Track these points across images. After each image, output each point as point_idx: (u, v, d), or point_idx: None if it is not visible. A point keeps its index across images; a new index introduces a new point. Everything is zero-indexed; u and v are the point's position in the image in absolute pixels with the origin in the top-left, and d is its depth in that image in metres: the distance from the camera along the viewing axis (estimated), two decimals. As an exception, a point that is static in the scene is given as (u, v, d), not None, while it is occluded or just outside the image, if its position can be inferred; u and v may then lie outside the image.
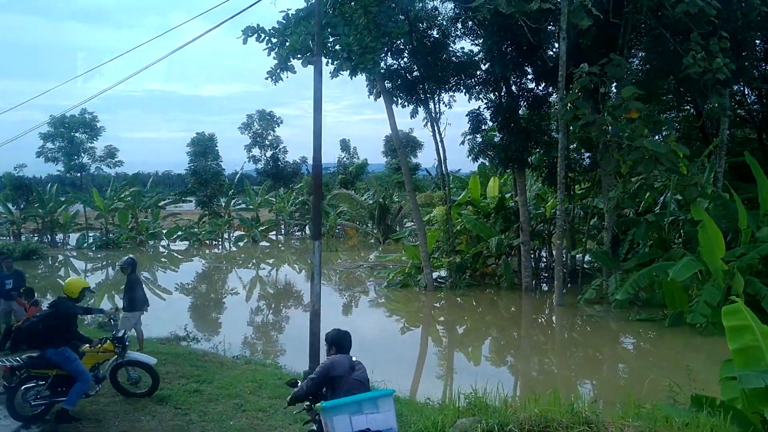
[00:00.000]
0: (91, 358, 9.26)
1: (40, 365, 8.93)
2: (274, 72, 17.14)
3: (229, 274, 32.53)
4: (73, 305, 9.19)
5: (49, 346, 8.84)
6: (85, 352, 9.21)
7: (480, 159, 22.86)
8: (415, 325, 20.01)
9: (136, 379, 9.84)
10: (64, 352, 8.81)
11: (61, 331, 8.86)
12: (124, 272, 13.23)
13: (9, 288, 14.22)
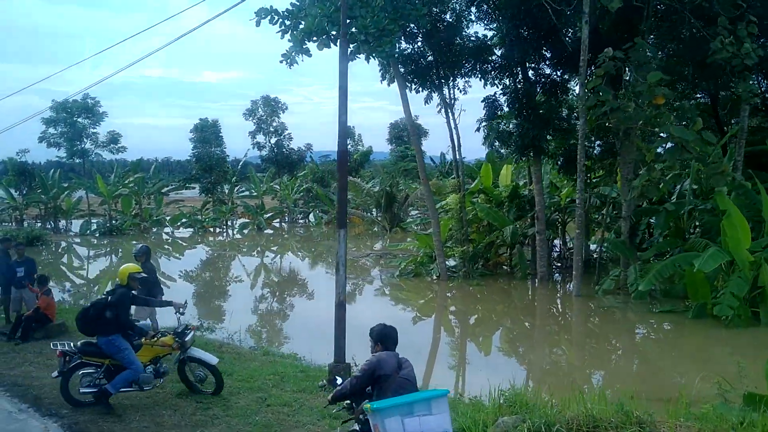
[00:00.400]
0: (148, 351, 8.87)
1: (92, 353, 8.72)
2: (289, 55, 16.66)
3: (234, 262, 32.16)
4: (127, 293, 8.77)
5: (100, 334, 8.60)
6: (142, 344, 8.82)
7: (495, 146, 22.38)
8: (430, 315, 19.69)
9: (201, 377, 9.31)
10: (115, 340, 8.50)
11: (111, 319, 8.52)
12: (138, 260, 12.83)
13: (20, 276, 13.86)
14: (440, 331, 17.67)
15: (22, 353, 11.96)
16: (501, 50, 21.84)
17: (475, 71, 21.63)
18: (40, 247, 34.11)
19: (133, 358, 8.52)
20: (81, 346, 8.81)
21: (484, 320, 18.58)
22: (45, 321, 13.09)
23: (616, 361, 14.24)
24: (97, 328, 8.64)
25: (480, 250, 22.70)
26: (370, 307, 20.02)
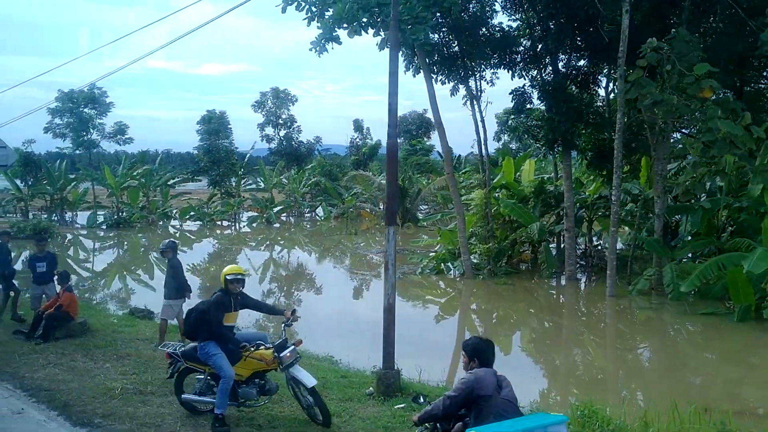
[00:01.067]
0: (248, 364, 7.91)
1: (192, 358, 8.08)
2: (319, 43, 15.96)
3: (246, 256, 31.43)
4: (221, 298, 7.92)
5: (198, 339, 8.01)
6: (242, 354, 7.84)
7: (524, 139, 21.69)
8: (456, 314, 19.02)
9: (310, 403, 7.85)
10: (206, 346, 7.80)
11: (205, 325, 7.87)
12: (164, 256, 12.20)
13: (42, 271, 13.24)
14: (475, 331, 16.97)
15: (45, 354, 11.32)
16: (529, 41, 21.16)
17: (504, 62, 20.92)
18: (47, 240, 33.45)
19: (222, 363, 7.67)
20: (184, 350, 8.23)
21: (516, 321, 17.89)
22: (67, 319, 12.44)
23: (670, 367, 13.51)
24: (195, 332, 8.09)
25: (505, 247, 22.02)
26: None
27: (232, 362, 7.75)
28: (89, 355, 11.37)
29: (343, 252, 32.35)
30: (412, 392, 9.23)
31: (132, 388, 9.51)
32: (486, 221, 21.75)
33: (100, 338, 12.44)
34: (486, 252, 21.32)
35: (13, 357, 11.16)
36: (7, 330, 13.12)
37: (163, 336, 12.02)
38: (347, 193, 51.85)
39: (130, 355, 11.42)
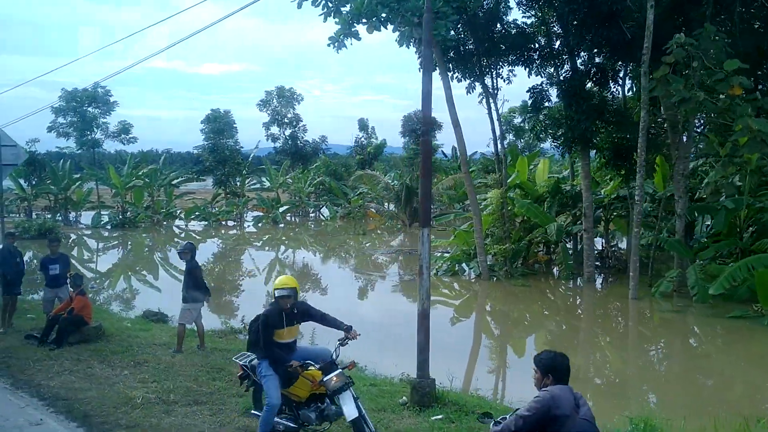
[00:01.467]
0: (304, 385, 6.97)
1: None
2: (337, 38, 15.52)
3: (252, 256, 30.98)
4: (271, 313, 6.95)
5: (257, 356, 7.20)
6: (298, 374, 6.90)
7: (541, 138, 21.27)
8: (475, 317, 18.57)
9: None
10: (260, 365, 7.00)
11: (256, 341, 7.15)
12: (183, 258, 11.77)
13: (55, 274, 12.81)
14: (492, 335, 16.57)
15: (59, 360, 10.88)
16: (545, 38, 20.75)
17: (521, 59, 20.50)
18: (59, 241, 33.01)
19: (269, 388, 6.84)
20: (250, 365, 7.46)
21: (537, 324, 17.44)
22: (81, 324, 12.01)
23: (709, 375, 13.06)
24: (253, 348, 7.37)
25: (522, 247, 21.60)
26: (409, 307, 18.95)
27: (288, 383, 6.93)
28: (106, 361, 10.95)
29: (350, 252, 31.96)
30: (447, 402, 8.84)
31: (154, 397, 9.09)
32: (502, 221, 21.34)
33: (116, 343, 12.01)
34: (502, 253, 20.91)
35: (27, 363, 10.74)
36: (18, 335, 12.71)
37: (181, 341, 11.62)
38: (352, 192, 51.44)
39: (148, 361, 11.00)
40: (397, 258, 27.65)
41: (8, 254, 12.97)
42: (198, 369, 10.55)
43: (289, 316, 7.08)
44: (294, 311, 7.13)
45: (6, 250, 13.01)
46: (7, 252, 12.99)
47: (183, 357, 11.26)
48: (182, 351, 11.53)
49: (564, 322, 17.46)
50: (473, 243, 21.96)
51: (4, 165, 15.10)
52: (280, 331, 7.04)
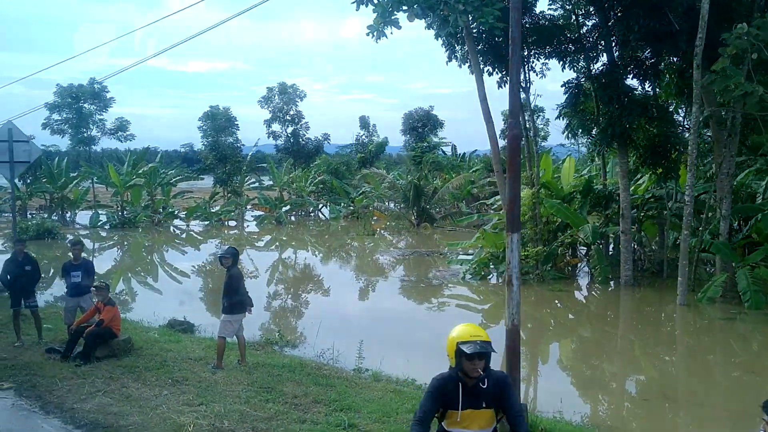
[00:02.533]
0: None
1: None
2: (377, 27, 14.43)
3: (250, 257, 29.78)
4: (444, 383, 4.25)
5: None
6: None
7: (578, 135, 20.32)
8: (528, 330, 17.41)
9: None
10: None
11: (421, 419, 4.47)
12: (223, 265, 10.69)
13: (77, 282, 11.69)
14: (547, 348, 15.47)
15: (89, 378, 9.78)
16: (579, 30, 19.80)
17: (555, 52, 19.53)
18: (50, 242, 31.73)
19: None
20: None
21: (585, 334, 16.32)
22: (109, 337, 10.91)
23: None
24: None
25: (555, 250, 20.64)
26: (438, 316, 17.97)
27: None
28: (141, 379, 9.86)
29: (364, 255, 30.90)
30: (541, 429, 7.85)
31: (206, 424, 8.03)
32: (534, 222, 20.38)
33: (148, 358, 10.92)
34: (535, 255, 19.94)
35: (54, 382, 9.64)
36: (37, 347, 11.59)
37: (221, 356, 10.56)
38: (355, 192, 50.37)
39: (188, 379, 9.93)
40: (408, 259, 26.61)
41: (16, 263, 11.82)
42: (245, 388, 9.50)
43: (473, 392, 4.21)
44: (482, 386, 4.22)
45: (13, 259, 11.86)
46: (15, 260, 11.83)
47: (225, 374, 10.20)
48: (223, 367, 10.47)
49: (614, 331, 16.42)
50: (501, 245, 20.95)
51: (17, 162, 13.95)
52: (453, 414, 4.25)
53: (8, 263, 11.88)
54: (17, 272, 11.75)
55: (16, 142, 13.80)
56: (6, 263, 11.93)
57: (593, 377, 12.88)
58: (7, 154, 13.76)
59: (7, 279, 11.76)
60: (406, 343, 14.31)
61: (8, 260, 11.98)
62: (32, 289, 11.95)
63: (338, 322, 15.81)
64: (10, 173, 13.87)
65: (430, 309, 18.44)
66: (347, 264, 28.30)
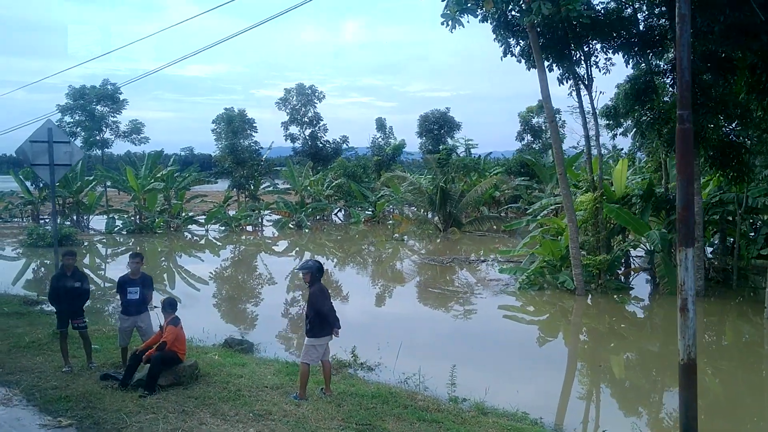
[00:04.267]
0: None
1: None
2: (452, 16, 13.16)
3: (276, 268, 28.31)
4: None
5: None
6: None
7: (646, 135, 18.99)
8: (591, 347, 16.10)
9: None
10: None
11: None
12: (304, 279, 9.40)
13: (134, 298, 10.41)
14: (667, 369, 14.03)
15: (160, 412, 8.45)
16: (647, 21, 18.55)
17: (622, 46, 18.26)
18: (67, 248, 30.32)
19: None
20: None
21: (723, 365, 14.54)
22: (174, 361, 9.61)
23: None
24: None
25: (618, 258, 19.34)
26: (500, 331, 16.67)
27: None
28: (218, 413, 8.55)
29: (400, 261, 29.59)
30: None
31: (314, 473, 6.73)
32: (596, 229, 19.08)
33: (218, 386, 9.61)
34: (597, 264, 18.63)
35: (120, 418, 8.32)
36: (88, 373, 10.27)
37: (304, 385, 9.26)
38: (373, 195, 49.10)
39: (271, 413, 8.62)
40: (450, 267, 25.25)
41: (65, 279, 10.51)
42: (341, 425, 8.21)
43: None
44: None
45: (61, 275, 10.54)
46: (63, 276, 10.52)
47: (311, 406, 8.89)
48: (306, 398, 9.16)
49: (712, 351, 14.94)
50: (559, 253, 19.71)
51: (57, 165, 12.63)
52: None
53: (56, 280, 10.57)
54: (66, 289, 10.46)
55: (56, 143, 12.50)
56: (54, 280, 10.62)
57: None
58: (47, 156, 12.46)
59: (57, 298, 10.45)
60: (482, 364, 13.04)
61: (56, 276, 10.67)
62: (81, 308, 10.65)
63: (400, 337, 14.39)
64: (50, 177, 12.53)
65: (489, 322, 17.13)
66: (387, 272, 26.74)
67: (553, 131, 17.82)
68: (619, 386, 12.52)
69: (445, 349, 14.16)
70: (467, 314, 17.77)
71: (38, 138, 12.50)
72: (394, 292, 21.62)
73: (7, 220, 45.98)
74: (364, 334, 14.33)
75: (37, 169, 12.72)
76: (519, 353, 14.29)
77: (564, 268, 19.79)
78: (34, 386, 9.61)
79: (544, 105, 17.59)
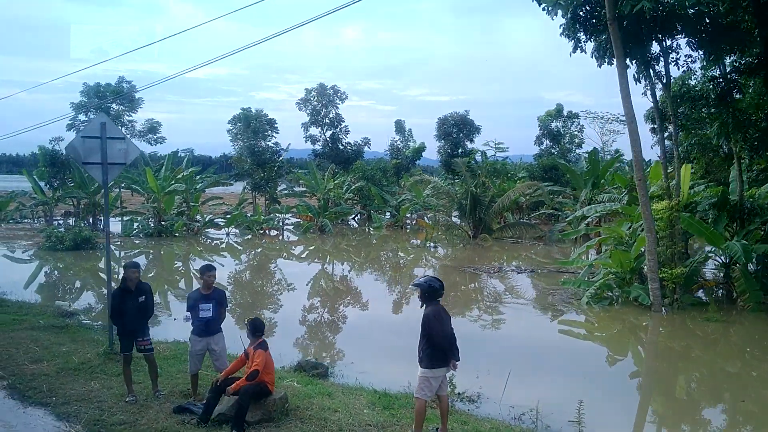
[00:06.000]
0: None
1: None
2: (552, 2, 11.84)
3: (343, 277, 26.78)
4: None
5: None
6: None
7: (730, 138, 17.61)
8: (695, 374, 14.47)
9: None
10: None
11: None
12: (421, 297, 8.00)
13: (207, 317, 9.02)
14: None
15: (259, 460, 7.07)
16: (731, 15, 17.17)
17: (706, 42, 16.89)
18: (88, 252, 28.93)
19: None
20: None
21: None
22: (263, 393, 8.21)
23: None
24: None
25: (695, 271, 17.95)
26: (578, 353, 15.25)
27: None
28: (327, 460, 7.16)
29: (446, 269, 28.14)
30: None
31: None
32: (672, 241, 17.67)
33: (315, 425, 8.18)
34: (674, 278, 17.22)
35: (212, 468, 6.93)
36: (158, 404, 8.86)
37: (420, 425, 7.88)
38: (393, 199, 47.78)
39: (388, 459, 7.23)
40: (501, 277, 23.75)
41: (126, 294, 9.11)
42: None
43: None
44: None
45: (125, 290, 9.12)
46: (126, 291, 9.12)
47: (432, 452, 7.49)
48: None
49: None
50: (629, 264, 18.32)
51: (111, 164, 11.22)
52: None
53: (119, 296, 9.11)
54: (130, 306, 9.05)
55: (110, 139, 11.11)
56: (115, 297, 9.14)
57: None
58: (99, 153, 11.05)
59: (120, 317, 9.04)
60: (589, 392, 11.60)
61: (117, 292, 9.20)
62: (147, 326, 9.24)
63: (491, 360, 12.90)
64: (102, 177, 11.11)
65: (560, 341, 15.71)
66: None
67: (632, 134, 16.40)
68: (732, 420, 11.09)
69: (537, 372, 12.68)
70: (541, 331, 16.39)
71: (90, 133, 11.11)
72: (460, 306, 19.95)
73: (18, 221, 44.59)
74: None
75: (89, 168, 11.30)
76: (619, 381, 12.87)
77: (634, 281, 18.40)
78: (98, 420, 8.23)
79: (623, 104, 16.16)
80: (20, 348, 11.63)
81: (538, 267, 25.81)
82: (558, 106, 67.25)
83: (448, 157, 57.75)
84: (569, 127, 68.12)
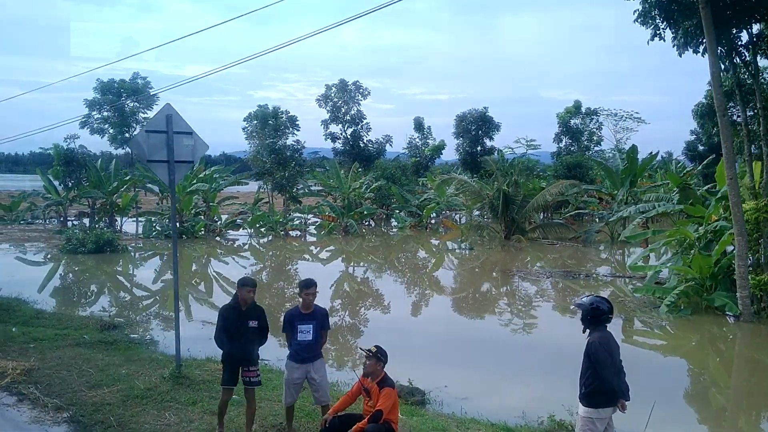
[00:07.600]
0: None
1: None
2: None
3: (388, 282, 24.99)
4: None
5: None
6: None
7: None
8: None
9: None
10: None
11: None
12: (583, 320, 6.63)
13: (308, 339, 7.66)
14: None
15: None
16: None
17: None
18: (110, 255, 27.49)
19: None
20: None
21: None
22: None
23: None
24: None
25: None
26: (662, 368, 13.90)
27: None
28: None
29: (496, 273, 26.75)
30: None
31: None
32: (761, 244, 16.31)
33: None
34: (761, 285, 15.87)
35: None
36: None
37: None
38: (414, 198, 46.45)
39: None
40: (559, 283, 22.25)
41: (236, 315, 7.61)
42: None
43: None
44: None
45: (235, 309, 7.64)
46: (236, 312, 7.65)
47: None
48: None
49: None
50: (709, 270, 16.97)
51: (178, 162, 9.84)
52: None
53: (226, 317, 7.46)
54: (239, 330, 7.59)
55: (176, 134, 9.74)
56: (222, 317, 7.49)
57: None
58: (164, 150, 9.67)
59: (227, 342, 7.46)
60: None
61: (224, 311, 7.51)
62: (257, 355, 7.82)
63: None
64: (168, 176, 9.72)
65: (647, 353, 14.36)
66: (497, 288, 23.38)
67: (724, 127, 15.03)
68: None
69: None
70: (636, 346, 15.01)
71: (155, 127, 9.72)
72: (527, 318, 18.47)
73: (29, 222, 43.22)
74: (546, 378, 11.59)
75: (154, 166, 9.90)
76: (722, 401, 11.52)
77: (714, 288, 17.05)
78: (187, 466, 6.88)
79: (714, 94, 14.83)
80: (72, 370, 10.27)
81: (587, 273, 24.42)
82: (576, 102, 66.07)
83: (467, 156, 56.49)
84: (587, 125, 66.94)
